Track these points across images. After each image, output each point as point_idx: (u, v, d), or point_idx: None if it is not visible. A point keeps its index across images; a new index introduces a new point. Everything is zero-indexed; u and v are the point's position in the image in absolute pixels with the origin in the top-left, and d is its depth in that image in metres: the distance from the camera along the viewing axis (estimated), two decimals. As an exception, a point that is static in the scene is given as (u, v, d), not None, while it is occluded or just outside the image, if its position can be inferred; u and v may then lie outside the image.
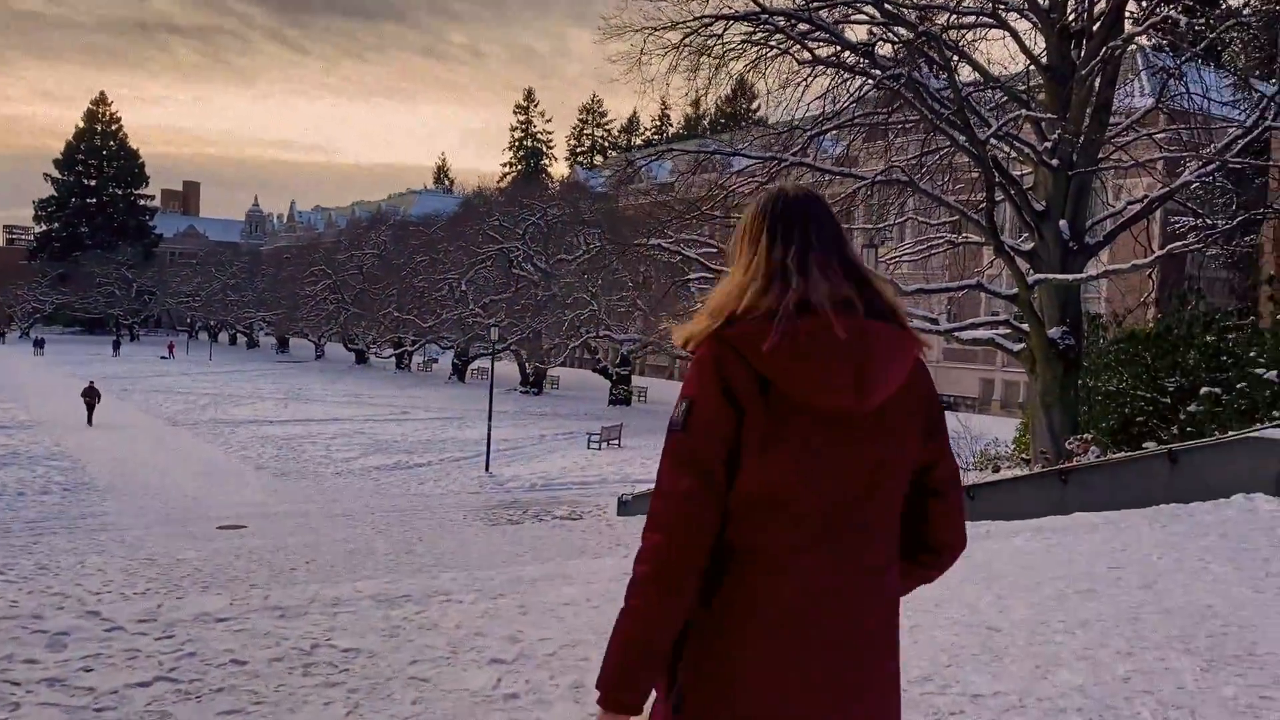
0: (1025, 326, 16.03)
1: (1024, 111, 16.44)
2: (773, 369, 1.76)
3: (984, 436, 19.41)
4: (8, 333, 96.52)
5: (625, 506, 21.88)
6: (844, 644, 1.83)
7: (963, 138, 14.97)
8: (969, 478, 14.78)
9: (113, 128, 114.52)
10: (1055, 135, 15.66)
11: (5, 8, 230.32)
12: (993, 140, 15.74)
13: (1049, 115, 15.86)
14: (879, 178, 17.56)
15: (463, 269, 55.24)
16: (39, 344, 79.92)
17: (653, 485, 1.90)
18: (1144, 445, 15.12)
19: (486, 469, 29.40)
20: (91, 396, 36.92)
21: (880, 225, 23.30)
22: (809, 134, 17.89)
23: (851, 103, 17.12)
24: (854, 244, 2.07)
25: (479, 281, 54.73)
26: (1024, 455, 16.99)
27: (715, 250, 22.40)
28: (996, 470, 16.38)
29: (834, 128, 18.13)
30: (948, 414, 2.09)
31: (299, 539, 17.56)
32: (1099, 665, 4.93)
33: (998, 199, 16.24)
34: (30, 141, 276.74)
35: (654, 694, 1.88)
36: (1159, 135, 18.20)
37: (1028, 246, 16.41)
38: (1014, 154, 17.31)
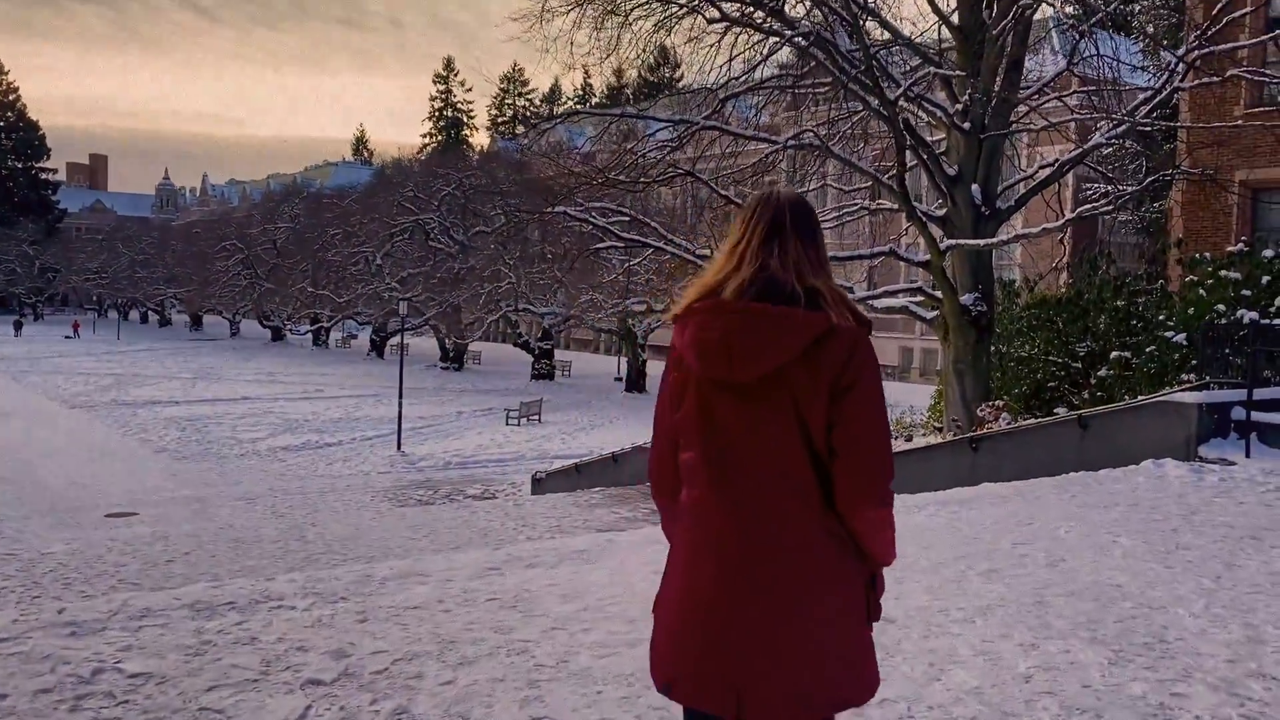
0: (939, 293, 15.71)
1: (934, 70, 16.04)
2: (680, 346, 2.25)
3: (900, 405, 19.17)
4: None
5: (539, 485, 21.16)
6: (733, 574, 2.15)
7: (874, 100, 14.50)
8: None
9: (11, 98, 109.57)
10: (966, 96, 15.29)
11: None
12: (904, 103, 15.29)
13: (959, 73, 15.49)
14: (790, 142, 17.07)
15: (378, 242, 53.69)
16: (-68, 325, 76.39)
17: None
18: (1055, 410, 14.96)
19: (399, 448, 28.50)
20: (-19, 380, 34.99)
21: (798, 193, 22.82)
22: (720, 98, 17.30)
23: (761, 63, 16.55)
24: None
25: (395, 255, 53.22)
26: (937, 423, 16.76)
27: (628, 219, 21.74)
28: (910, 439, 16.11)
29: (746, 90, 17.55)
30: None
31: (189, 526, 16.59)
32: (998, 661, 4.47)
33: (910, 163, 15.81)
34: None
35: None
36: (1070, 99, 17.98)
37: (940, 212, 16.07)
38: (927, 118, 16.93)
